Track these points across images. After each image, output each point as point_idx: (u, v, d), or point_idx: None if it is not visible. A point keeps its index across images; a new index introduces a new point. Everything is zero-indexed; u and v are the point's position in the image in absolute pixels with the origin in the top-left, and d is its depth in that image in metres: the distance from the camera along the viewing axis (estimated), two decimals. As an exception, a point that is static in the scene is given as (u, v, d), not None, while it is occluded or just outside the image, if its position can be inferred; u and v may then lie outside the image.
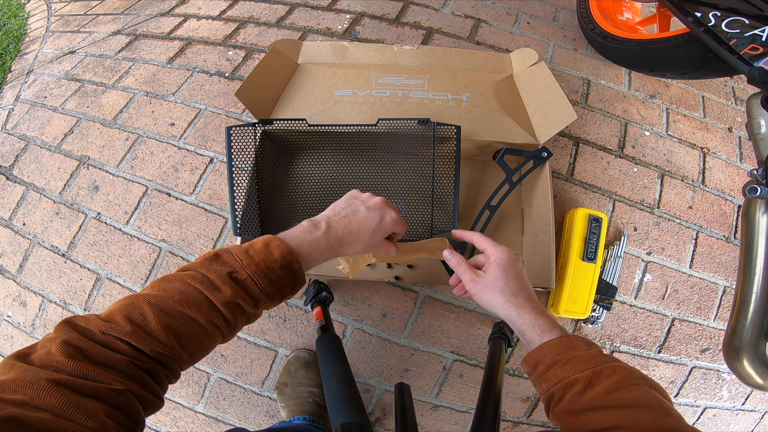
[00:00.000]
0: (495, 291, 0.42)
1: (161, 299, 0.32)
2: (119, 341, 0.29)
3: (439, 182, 0.67)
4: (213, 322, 0.33)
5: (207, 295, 0.33)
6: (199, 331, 0.33)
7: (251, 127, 0.63)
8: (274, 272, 0.37)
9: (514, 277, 0.42)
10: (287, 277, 0.38)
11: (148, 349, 0.30)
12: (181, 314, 0.32)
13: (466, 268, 0.45)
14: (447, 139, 0.66)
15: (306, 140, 0.72)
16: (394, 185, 0.71)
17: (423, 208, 0.69)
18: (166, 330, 0.31)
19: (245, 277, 0.35)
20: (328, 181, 0.71)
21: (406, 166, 0.71)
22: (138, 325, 0.30)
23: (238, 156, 0.62)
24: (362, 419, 0.42)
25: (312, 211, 0.70)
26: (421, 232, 0.69)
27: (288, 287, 0.38)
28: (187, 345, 0.32)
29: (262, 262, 0.36)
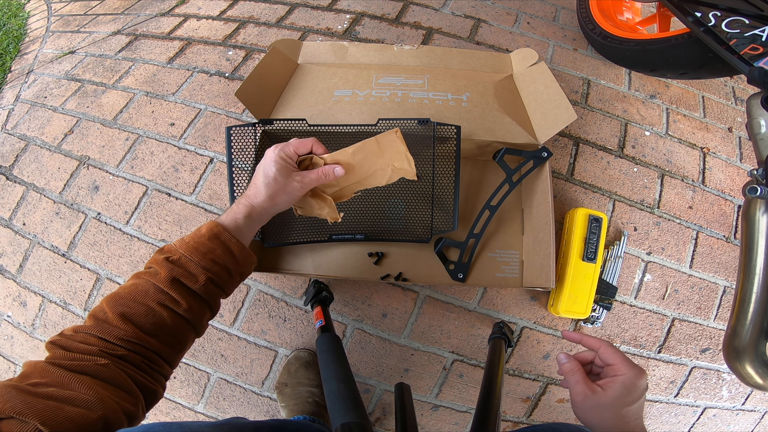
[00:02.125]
0: (607, 414, 0.36)
1: (117, 295, 0.37)
2: (89, 336, 0.34)
3: (439, 182, 0.67)
4: (162, 303, 0.37)
5: (150, 280, 0.37)
6: (154, 315, 0.36)
7: (251, 127, 0.63)
8: (203, 245, 0.40)
9: (635, 402, 0.36)
10: (219, 247, 0.40)
11: (111, 337, 0.34)
12: (133, 302, 0.36)
13: (580, 377, 0.38)
14: (447, 139, 0.66)
15: None
16: (394, 185, 0.71)
17: (423, 208, 0.69)
18: (122, 318, 0.35)
19: (179, 257, 0.39)
20: None
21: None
22: (100, 319, 0.35)
23: (238, 156, 0.62)
24: (362, 419, 0.42)
25: (314, 223, 0.69)
26: (421, 233, 0.69)
27: (228, 257, 0.41)
28: (150, 330, 0.36)
29: (191, 240, 0.40)
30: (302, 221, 0.69)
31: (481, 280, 0.71)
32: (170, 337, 0.37)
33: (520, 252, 0.74)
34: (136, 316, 0.36)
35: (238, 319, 0.75)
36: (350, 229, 0.70)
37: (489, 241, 0.74)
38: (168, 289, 0.37)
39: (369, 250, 0.73)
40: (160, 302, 0.37)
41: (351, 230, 0.70)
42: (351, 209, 0.70)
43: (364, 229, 0.70)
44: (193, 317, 0.39)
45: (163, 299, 0.37)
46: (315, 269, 0.72)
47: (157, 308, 0.36)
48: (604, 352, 0.39)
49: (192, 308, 0.39)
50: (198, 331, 0.41)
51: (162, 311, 0.37)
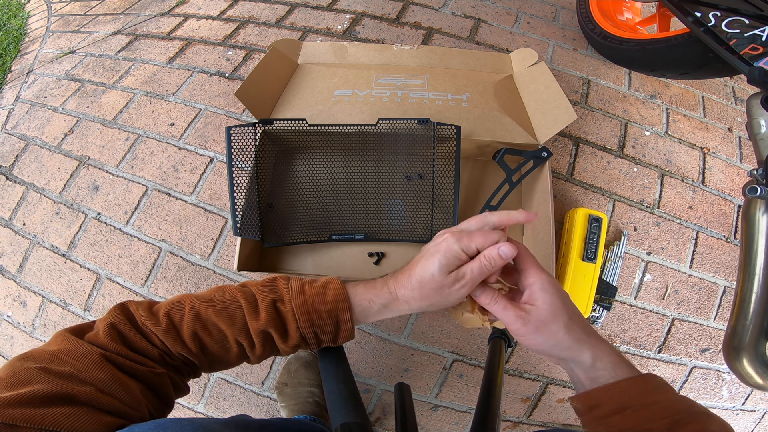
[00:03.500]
0: (556, 329, 0.31)
1: (204, 304, 0.34)
2: (155, 336, 0.32)
3: (439, 182, 0.67)
4: (239, 342, 0.34)
5: (246, 314, 0.34)
6: (226, 350, 0.34)
7: (251, 127, 0.63)
8: (318, 314, 0.35)
9: (571, 306, 0.32)
10: (330, 323, 0.36)
11: (174, 350, 0.33)
12: (214, 325, 0.33)
13: (504, 303, 0.33)
14: (447, 139, 0.66)
15: (306, 140, 0.72)
16: (394, 185, 0.71)
17: (423, 208, 0.69)
18: (194, 337, 0.33)
19: (288, 310, 0.34)
20: (329, 181, 0.71)
21: (406, 166, 0.71)
22: (174, 324, 0.33)
23: (238, 156, 0.62)
24: (362, 419, 0.42)
25: (311, 210, 0.70)
26: (421, 233, 0.69)
27: (328, 335, 0.36)
28: (210, 355, 0.34)
29: (311, 299, 0.35)
30: (303, 220, 0.69)
31: (481, 280, 0.71)
32: (219, 363, 0.36)
33: (520, 252, 0.73)
34: (209, 340, 0.33)
35: (238, 319, 0.75)
36: (350, 229, 0.70)
37: (489, 241, 0.74)
38: (255, 335, 0.34)
39: (369, 250, 0.73)
40: (237, 340, 0.34)
41: (351, 230, 0.70)
42: (351, 209, 0.70)
43: (364, 229, 0.70)
44: (257, 358, 0.37)
45: (243, 339, 0.34)
46: (315, 269, 0.72)
47: (233, 343, 0.34)
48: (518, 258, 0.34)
49: (264, 354, 0.36)
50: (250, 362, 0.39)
51: (234, 347, 0.34)
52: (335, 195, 0.71)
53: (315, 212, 0.70)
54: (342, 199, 0.71)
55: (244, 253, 0.64)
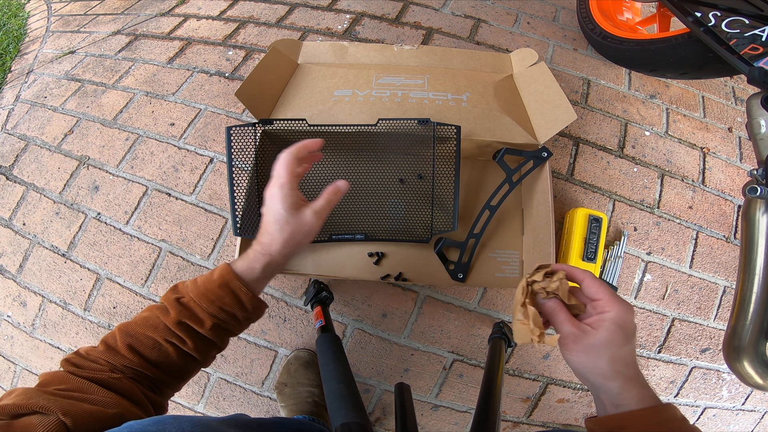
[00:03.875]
0: (601, 355, 0.32)
1: (128, 325, 0.38)
2: (99, 359, 0.36)
3: (439, 182, 0.67)
4: (168, 340, 0.38)
5: (160, 317, 0.38)
6: (160, 349, 0.38)
7: (251, 127, 0.63)
8: (212, 292, 0.39)
9: (629, 342, 0.33)
10: (228, 295, 0.40)
11: (118, 364, 0.36)
12: (142, 335, 0.38)
13: (565, 317, 0.35)
14: (447, 139, 0.66)
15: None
16: (394, 185, 0.71)
17: (423, 208, 0.69)
18: (129, 348, 0.37)
19: (188, 301, 0.39)
20: (329, 180, 0.71)
21: (406, 166, 0.71)
22: (110, 346, 0.37)
23: (238, 156, 0.62)
24: (362, 419, 0.42)
25: None
26: (421, 233, 0.69)
27: (236, 306, 0.40)
28: (155, 362, 0.38)
29: (202, 284, 0.40)
30: None
31: (481, 280, 0.71)
32: (174, 369, 0.39)
33: (520, 252, 0.74)
34: (143, 348, 0.37)
35: (238, 319, 0.75)
36: (350, 229, 0.70)
37: (489, 241, 0.74)
38: (175, 330, 0.38)
39: (369, 250, 0.73)
40: (167, 339, 0.38)
41: (351, 230, 0.70)
42: (351, 209, 0.70)
43: (364, 229, 0.70)
44: (199, 354, 0.40)
45: (170, 337, 0.38)
46: (315, 269, 0.72)
47: (164, 344, 0.38)
48: (589, 285, 0.35)
49: (198, 347, 0.39)
50: (204, 363, 0.42)
51: (168, 347, 0.38)
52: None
53: None
54: (342, 199, 0.71)
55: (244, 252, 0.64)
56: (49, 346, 0.78)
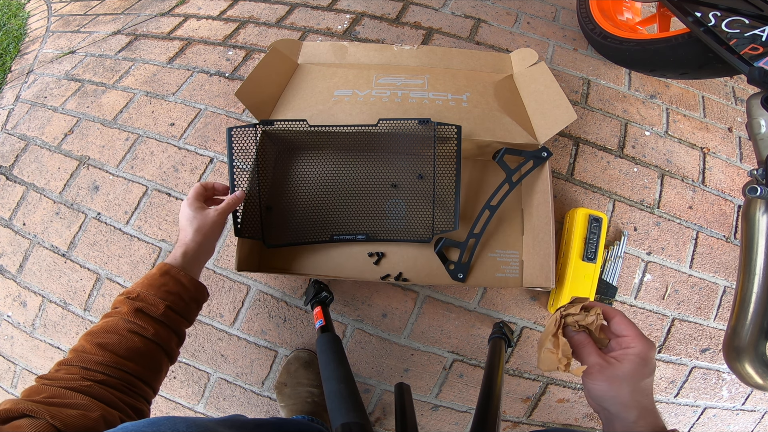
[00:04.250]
0: (624, 386, 0.35)
1: (91, 331, 0.42)
2: (71, 367, 0.38)
3: (440, 182, 0.67)
4: (131, 330, 0.42)
5: (117, 316, 0.43)
6: (127, 341, 0.41)
7: (252, 128, 0.63)
8: (156, 280, 0.46)
9: (649, 376, 0.36)
10: (170, 281, 0.47)
11: (90, 363, 0.38)
12: (106, 333, 0.41)
13: (592, 349, 0.37)
14: (448, 139, 0.66)
15: (307, 140, 0.72)
16: (394, 185, 0.71)
17: (424, 208, 0.69)
18: (99, 346, 0.39)
19: (137, 294, 0.44)
20: (329, 181, 0.71)
21: (406, 166, 0.71)
22: (78, 351, 0.39)
23: (239, 156, 0.62)
24: (362, 419, 0.42)
25: (312, 211, 0.70)
26: (422, 233, 0.69)
27: (179, 287, 0.47)
28: (125, 354, 0.40)
29: (145, 279, 0.46)
30: (304, 221, 0.69)
31: (481, 280, 0.71)
32: (144, 359, 0.42)
33: (520, 252, 0.74)
34: (110, 344, 0.40)
35: (238, 319, 0.75)
36: (351, 229, 0.70)
37: (489, 241, 0.74)
38: (134, 319, 0.42)
39: (369, 250, 0.73)
40: (130, 330, 0.42)
41: (352, 230, 0.70)
42: (352, 210, 0.70)
43: (366, 229, 0.70)
44: (161, 341, 0.44)
45: (132, 327, 0.42)
46: (315, 269, 0.72)
47: (128, 335, 0.41)
48: (618, 323, 0.38)
49: (158, 333, 0.43)
50: (170, 355, 0.46)
51: (134, 337, 0.42)
52: (336, 195, 0.71)
53: (316, 212, 0.70)
54: (343, 200, 0.71)
55: (243, 253, 0.64)
56: (49, 346, 0.78)
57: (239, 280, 0.77)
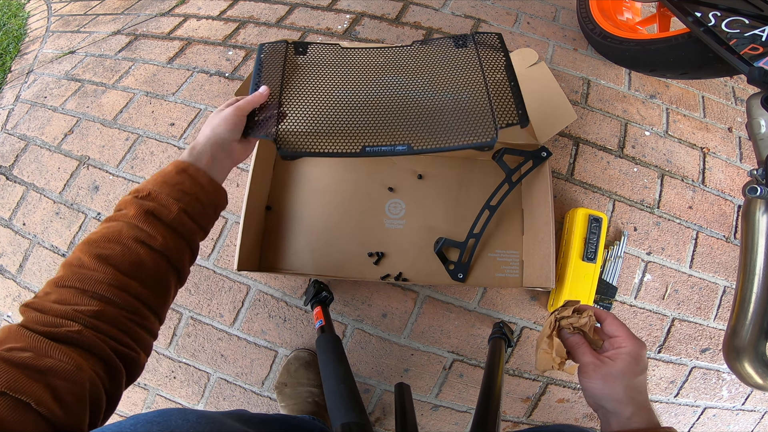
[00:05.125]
0: (618, 384, 0.36)
1: (89, 240, 0.35)
2: (65, 289, 0.32)
3: (491, 78, 0.55)
4: (138, 239, 0.35)
5: (121, 220, 0.36)
6: (131, 254, 0.34)
7: (282, 44, 0.59)
8: (171, 178, 0.40)
9: (642, 373, 0.37)
10: (187, 179, 0.41)
11: (89, 284, 0.32)
12: (107, 242, 0.34)
13: (586, 349, 0.39)
14: (493, 48, 0.57)
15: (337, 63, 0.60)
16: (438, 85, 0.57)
17: (480, 102, 0.54)
18: (99, 259, 0.33)
19: (148, 192, 0.38)
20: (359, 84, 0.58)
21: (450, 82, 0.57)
22: (74, 266, 0.33)
23: (267, 69, 0.56)
24: (362, 419, 0.42)
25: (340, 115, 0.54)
26: (483, 131, 0.52)
27: (197, 188, 0.41)
28: (128, 271, 0.34)
29: (158, 176, 0.40)
30: (329, 126, 0.54)
31: (481, 280, 0.72)
32: (151, 279, 0.36)
33: (520, 252, 0.74)
34: (113, 257, 0.34)
35: (238, 319, 0.75)
36: (388, 139, 0.52)
37: (489, 241, 0.74)
38: (141, 224, 0.36)
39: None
40: (136, 239, 0.35)
41: (390, 141, 0.52)
42: (389, 113, 0.55)
43: (407, 138, 0.52)
44: (171, 254, 0.37)
45: (138, 235, 0.35)
46: (315, 269, 0.72)
47: (134, 245, 0.35)
48: (609, 324, 0.39)
49: (168, 244, 0.37)
50: (180, 273, 0.39)
51: (139, 248, 0.35)
52: (368, 96, 0.56)
53: (344, 116, 0.54)
54: (377, 102, 0.55)
55: (244, 252, 0.64)
56: (49, 346, 0.78)
57: (239, 280, 0.77)
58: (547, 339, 0.41)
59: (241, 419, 0.33)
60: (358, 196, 0.76)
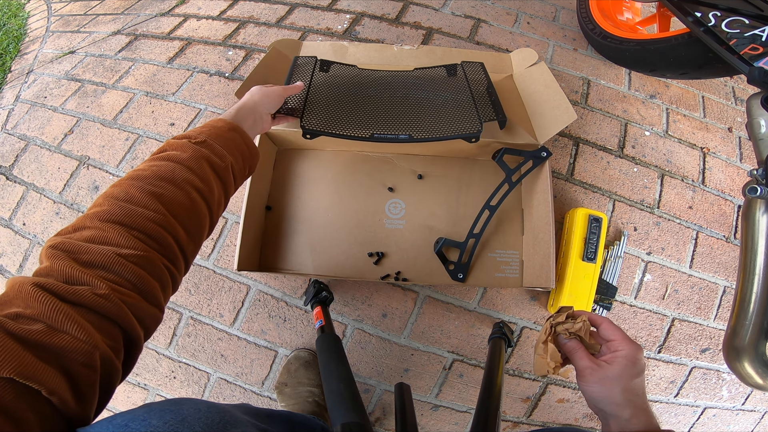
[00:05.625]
0: (615, 387, 0.36)
1: (138, 176, 0.33)
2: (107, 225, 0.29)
3: (475, 87, 0.73)
4: (192, 184, 0.35)
5: (172, 162, 0.35)
6: (184, 196, 0.34)
7: (313, 58, 0.77)
8: (225, 133, 0.42)
9: (639, 376, 0.37)
10: (238, 137, 0.44)
11: (137, 221, 0.30)
12: (161, 180, 0.33)
13: (583, 354, 0.40)
14: (477, 73, 0.76)
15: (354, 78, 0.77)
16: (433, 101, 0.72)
17: (464, 102, 0.70)
18: (152, 196, 0.31)
19: (203, 140, 0.39)
20: (372, 82, 0.76)
21: (444, 92, 0.73)
22: (120, 199, 0.31)
23: (296, 75, 0.72)
24: (362, 419, 0.42)
25: (355, 107, 0.70)
26: (469, 125, 0.66)
27: (244, 147, 0.44)
28: (176, 213, 0.33)
29: (211, 129, 0.42)
30: (344, 114, 0.68)
31: (481, 280, 0.71)
32: (194, 226, 0.35)
33: (520, 252, 0.74)
34: (165, 196, 0.32)
35: (238, 319, 0.75)
36: (393, 129, 0.66)
37: (489, 241, 0.74)
38: (197, 169, 0.35)
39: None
40: (190, 182, 0.34)
41: (394, 131, 0.66)
42: (392, 110, 0.69)
43: (409, 129, 0.66)
44: (213, 205, 0.37)
45: (191, 179, 0.35)
46: (315, 269, 0.72)
47: (188, 188, 0.34)
48: (605, 329, 0.40)
49: (214, 194, 0.37)
50: (212, 226, 0.39)
51: (192, 192, 0.34)
52: (378, 97, 0.72)
53: (357, 110, 0.69)
54: (385, 101, 0.71)
55: (244, 252, 0.64)
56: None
57: (239, 280, 0.77)
58: (542, 344, 0.42)
59: (248, 412, 0.33)
60: (358, 196, 0.76)
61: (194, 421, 0.25)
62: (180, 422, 0.24)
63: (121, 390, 0.74)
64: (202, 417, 0.26)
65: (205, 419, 0.26)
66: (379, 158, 0.78)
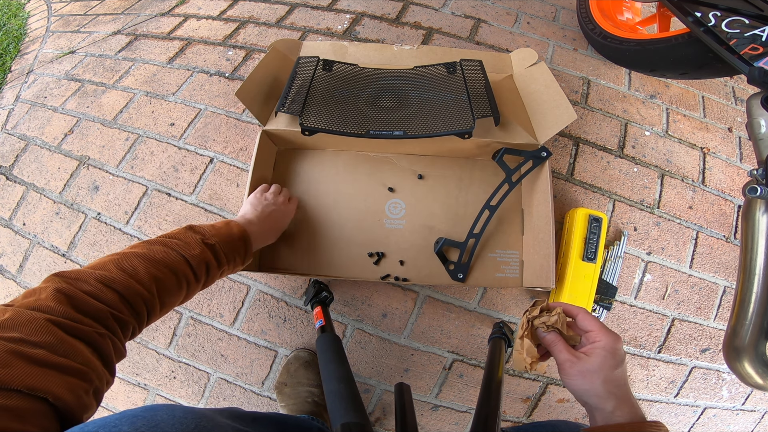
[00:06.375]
0: (596, 379, 0.36)
1: (147, 255, 0.39)
2: (108, 289, 0.35)
3: (472, 85, 0.73)
4: (187, 279, 0.41)
5: (181, 253, 0.42)
6: (174, 284, 0.40)
7: (315, 58, 0.79)
8: (234, 242, 0.50)
9: (619, 366, 0.37)
10: (243, 247, 0.51)
11: (134, 297, 0.36)
12: (166, 268, 0.39)
13: (562, 347, 0.40)
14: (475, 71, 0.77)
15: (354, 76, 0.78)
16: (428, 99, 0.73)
17: (460, 100, 0.71)
18: (153, 280, 0.37)
19: (214, 243, 0.46)
20: (369, 80, 0.77)
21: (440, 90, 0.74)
22: (129, 274, 0.36)
23: (300, 74, 0.75)
24: (362, 419, 0.42)
25: (352, 105, 0.72)
26: (463, 122, 0.67)
27: (242, 255, 0.52)
28: (163, 296, 0.39)
29: (225, 234, 0.49)
30: (341, 112, 0.70)
31: (481, 280, 0.71)
32: (170, 305, 0.41)
33: (520, 252, 0.74)
34: (163, 281, 0.38)
35: (238, 319, 0.75)
36: (389, 127, 0.68)
37: (489, 241, 0.74)
38: (197, 269, 0.42)
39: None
40: (186, 277, 0.41)
41: (390, 128, 0.68)
42: (388, 108, 0.72)
43: (404, 126, 0.68)
44: (193, 292, 0.44)
45: (188, 275, 0.41)
46: (315, 269, 0.72)
47: (183, 283, 0.40)
48: (582, 319, 0.40)
49: (199, 285, 0.44)
50: (184, 301, 0.46)
51: (184, 286, 0.41)
52: (375, 95, 0.74)
53: (354, 108, 0.72)
54: (381, 99, 0.74)
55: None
56: (49, 346, 0.78)
57: (239, 280, 0.77)
58: (519, 340, 0.42)
59: (232, 416, 0.33)
60: (358, 196, 0.76)
61: (167, 427, 0.25)
62: (152, 428, 0.25)
63: (121, 390, 0.74)
64: (176, 423, 0.26)
65: (179, 425, 0.26)
66: (379, 158, 0.78)
